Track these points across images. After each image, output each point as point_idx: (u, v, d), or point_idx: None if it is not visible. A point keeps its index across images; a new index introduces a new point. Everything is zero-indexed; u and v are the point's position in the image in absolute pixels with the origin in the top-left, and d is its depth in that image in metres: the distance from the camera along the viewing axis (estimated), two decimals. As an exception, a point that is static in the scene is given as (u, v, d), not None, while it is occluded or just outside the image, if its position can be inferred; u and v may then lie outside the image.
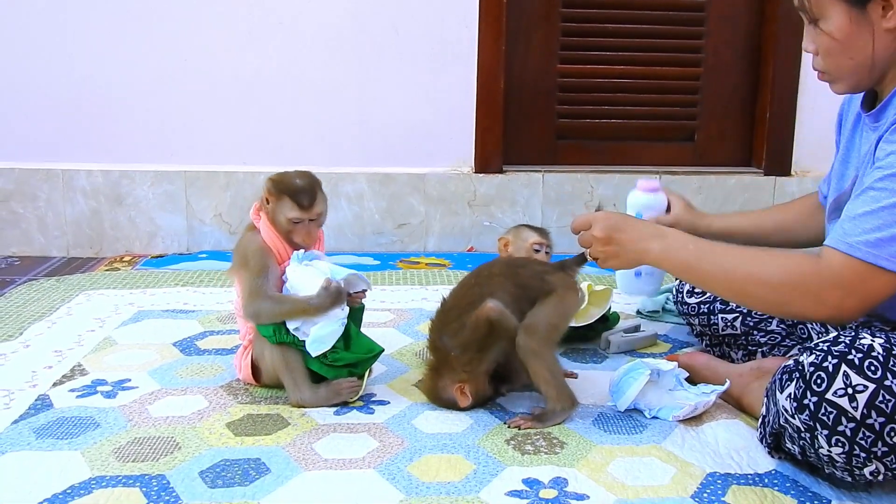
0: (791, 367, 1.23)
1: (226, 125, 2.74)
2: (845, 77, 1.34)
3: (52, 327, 1.97)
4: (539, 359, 1.48)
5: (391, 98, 2.76)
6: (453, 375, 1.52)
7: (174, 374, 1.70)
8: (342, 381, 1.56)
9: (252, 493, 1.25)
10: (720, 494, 1.26)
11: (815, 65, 1.37)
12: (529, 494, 1.26)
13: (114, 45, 2.66)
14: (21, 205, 2.70)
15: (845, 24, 1.28)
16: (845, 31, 1.28)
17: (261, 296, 1.52)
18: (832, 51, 1.31)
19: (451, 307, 1.55)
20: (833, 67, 1.33)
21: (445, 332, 1.52)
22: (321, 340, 1.50)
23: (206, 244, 2.78)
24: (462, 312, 1.51)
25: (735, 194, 2.84)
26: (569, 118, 2.91)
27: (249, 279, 1.53)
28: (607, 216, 1.46)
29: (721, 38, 2.88)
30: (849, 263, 1.23)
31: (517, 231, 1.82)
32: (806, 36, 1.35)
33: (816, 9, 1.29)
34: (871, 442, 1.15)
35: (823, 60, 1.34)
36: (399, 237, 2.81)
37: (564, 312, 1.55)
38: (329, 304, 1.50)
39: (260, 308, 1.52)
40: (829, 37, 1.30)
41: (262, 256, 1.55)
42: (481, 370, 1.52)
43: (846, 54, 1.30)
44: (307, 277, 1.53)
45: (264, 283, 1.53)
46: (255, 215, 1.60)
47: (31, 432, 1.43)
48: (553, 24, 2.83)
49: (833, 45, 1.30)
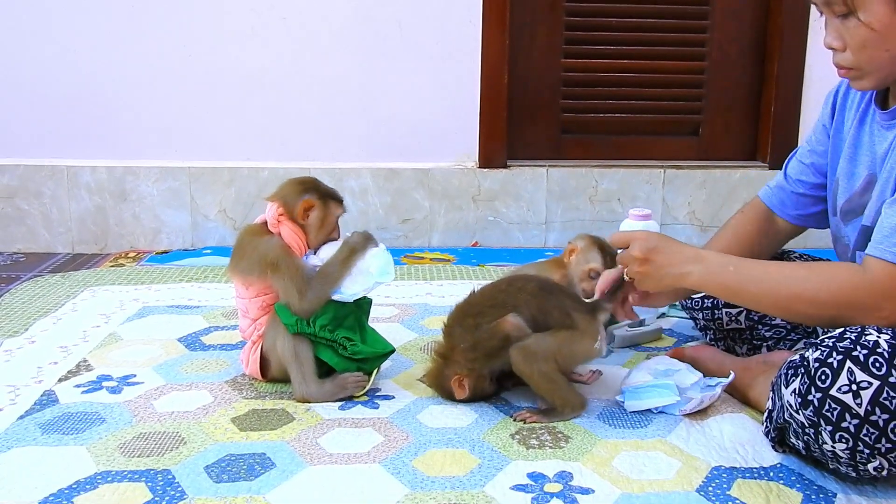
0: (796, 363, 1.23)
1: (230, 121, 2.74)
2: (876, 70, 1.30)
3: (57, 323, 1.98)
4: (534, 377, 1.47)
5: (395, 93, 2.75)
6: (456, 367, 1.52)
7: (179, 370, 1.71)
8: (348, 375, 1.57)
9: (257, 487, 1.25)
10: (725, 488, 1.26)
11: (840, 61, 1.32)
12: (534, 488, 1.26)
13: (118, 42, 2.66)
14: (26, 201, 2.71)
15: (887, 13, 1.24)
16: (886, 21, 1.25)
17: (309, 285, 1.53)
18: (869, 43, 1.27)
19: (475, 302, 1.54)
20: (866, 61, 1.29)
21: (462, 324, 1.52)
22: (384, 270, 1.56)
23: (211, 240, 2.78)
24: (482, 311, 1.51)
25: (740, 188, 2.83)
26: (573, 113, 2.90)
27: (291, 277, 1.53)
28: (647, 236, 1.43)
29: (726, 32, 2.87)
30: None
31: (588, 247, 1.71)
32: (830, 32, 1.31)
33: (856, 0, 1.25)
34: (875, 438, 1.14)
35: (856, 55, 1.29)
36: (403, 232, 2.81)
37: (571, 352, 1.51)
38: (362, 240, 1.58)
39: (313, 298, 1.53)
40: (867, 28, 1.26)
41: (290, 253, 1.56)
42: (484, 370, 1.52)
43: (883, 46, 1.27)
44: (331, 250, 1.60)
45: (304, 273, 1.54)
46: (274, 222, 1.59)
47: (36, 428, 1.44)
48: (557, 18, 2.83)
49: (871, 36, 1.26)
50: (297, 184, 1.62)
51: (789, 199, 1.64)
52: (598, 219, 2.83)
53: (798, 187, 1.63)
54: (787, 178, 1.65)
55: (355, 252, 1.57)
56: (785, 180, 1.65)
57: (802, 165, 1.62)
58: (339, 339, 1.55)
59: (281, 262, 1.54)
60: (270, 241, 1.57)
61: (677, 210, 2.85)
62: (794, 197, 1.64)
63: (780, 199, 1.66)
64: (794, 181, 1.63)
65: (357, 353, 1.56)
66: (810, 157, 1.60)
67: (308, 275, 1.54)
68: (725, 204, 2.83)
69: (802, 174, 1.62)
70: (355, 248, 1.57)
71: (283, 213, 1.59)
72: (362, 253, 1.57)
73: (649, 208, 2.32)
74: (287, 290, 1.54)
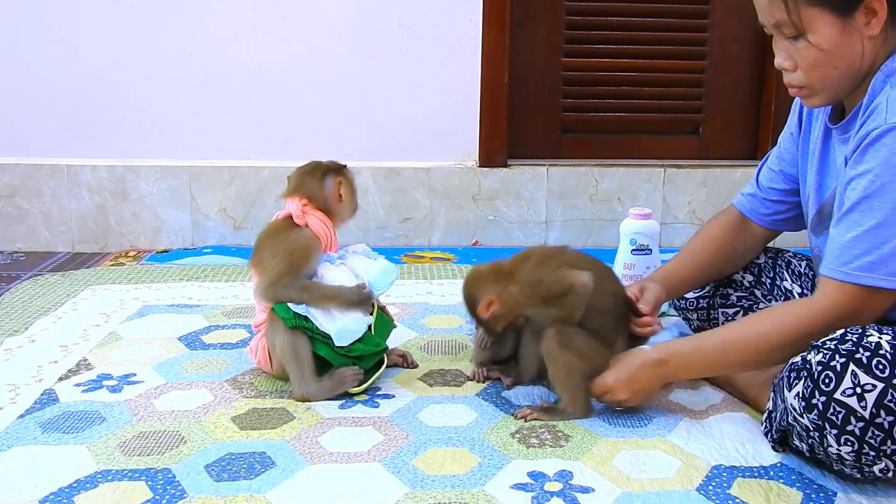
0: (798, 365, 1.23)
1: (230, 120, 2.74)
2: (826, 88, 1.32)
3: (57, 322, 1.98)
4: (559, 363, 1.47)
5: (395, 92, 2.75)
6: (500, 290, 1.49)
7: (179, 369, 1.71)
8: (345, 369, 1.57)
9: (258, 486, 1.25)
10: (725, 487, 1.26)
11: (791, 80, 1.34)
12: (534, 487, 1.26)
13: (118, 41, 2.66)
14: (26, 200, 2.71)
15: (834, 33, 1.26)
16: (834, 41, 1.27)
17: (287, 285, 1.53)
18: (819, 63, 1.29)
19: (569, 257, 1.53)
20: (817, 80, 1.31)
21: (542, 262, 1.50)
22: (347, 332, 1.53)
23: (211, 239, 2.78)
24: (561, 264, 1.49)
25: (740, 187, 2.77)
26: (574, 111, 2.90)
27: (284, 268, 1.53)
28: (616, 377, 1.44)
29: (726, 30, 2.87)
30: (852, 291, 1.26)
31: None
32: (780, 52, 1.33)
33: (805, 22, 1.27)
34: (881, 440, 1.14)
35: (807, 74, 1.31)
36: (404, 231, 2.81)
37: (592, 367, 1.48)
38: (356, 301, 1.53)
39: (282, 293, 1.53)
40: (816, 49, 1.28)
41: (311, 255, 1.56)
42: (517, 309, 1.50)
43: (832, 65, 1.29)
44: (340, 277, 1.56)
45: (297, 277, 1.54)
46: (300, 213, 1.58)
47: (37, 427, 1.44)
48: (557, 16, 2.83)
49: (820, 56, 1.28)
50: (309, 172, 1.62)
51: (763, 206, 1.66)
52: (599, 218, 2.83)
53: (771, 194, 1.64)
54: (759, 185, 1.67)
55: (341, 299, 1.54)
56: (757, 187, 1.67)
57: (772, 173, 1.63)
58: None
59: (299, 252, 1.54)
60: (301, 233, 1.57)
61: (678, 209, 2.85)
62: (767, 203, 1.65)
63: (753, 206, 1.67)
64: (766, 188, 1.65)
65: (352, 352, 1.56)
66: (779, 164, 1.61)
67: (297, 277, 1.54)
68: (726, 203, 2.77)
69: (773, 182, 1.63)
70: (349, 298, 1.54)
71: (308, 202, 1.59)
72: (349, 307, 1.54)
73: (650, 207, 2.32)
74: (269, 269, 1.54)
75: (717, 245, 1.70)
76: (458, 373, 1.70)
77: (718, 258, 1.71)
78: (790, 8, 1.27)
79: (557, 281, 1.47)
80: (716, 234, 1.72)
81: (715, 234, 1.72)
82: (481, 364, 1.67)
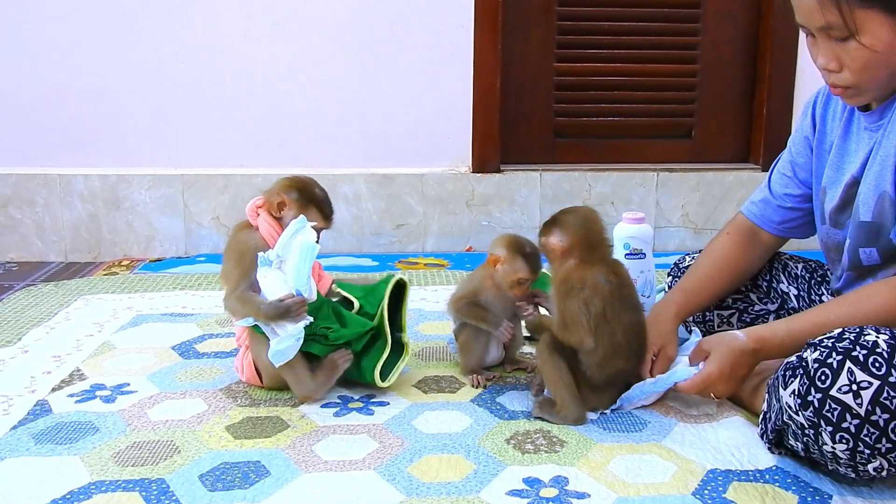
0: (794, 364, 1.23)
1: (223, 128, 2.74)
2: (874, 88, 1.32)
3: (50, 332, 1.97)
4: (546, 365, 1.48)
5: (388, 98, 2.75)
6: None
7: (173, 378, 1.70)
8: (333, 355, 1.58)
9: (252, 495, 1.25)
10: (721, 491, 1.26)
11: (835, 81, 1.33)
12: (530, 493, 1.25)
13: (110, 49, 2.66)
14: (19, 210, 2.70)
15: (886, 34, 1.25)
16: (887, 41, 1.26)
17: (234, 295, 1.56)
18: (870, 64, 1.28)
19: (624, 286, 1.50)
20: (866, 80, 1.30)
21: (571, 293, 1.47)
22: (280, 354, 1.52)
23: (205, 247, 2.77)
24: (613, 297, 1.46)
25: (733, 191, 2.83)
26: (566, 116, 2.91)
27: (236, 277, 1.56)
28: (720, 371, 1.41)
29: (718, 34, 2.88)
30: None
31: (513, 256, 1.64)
32: (824, 54, 1.31)
33: (858, 23, 1.25)
34: (876, 438, 1.14)
35: (856, 75, 1.30)
36: (398, 238, 2.81)
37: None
38: (274, 315, 1.51)
39: (231, 306, 1.58)
40: (869, 50, 1.26)
41: (255, 258, 1.56)
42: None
43: (884, 65, 1.28)
44: (274, 283, 1.54)
45: (245, 284, 1.56)
46: (252, 213, 1.61)
47: (30, 438, 1.43)
48: (550, 21, 2.83)
49: (872, 57, 1.27)
50: (288, 181, 1.63)
51: (776, 213, 1.64)
52: (593, 222, 2.82)
53: (785, 201, 1.62)
54: (771, 192, 1.65)
55: (260, 316, 1.53)
56: (770, 195, 1.65)
57: (786, 178, 1.61)
58: (318, 331, 1.55)
59: (246, 257, 1.56)
60: (249, 235, 1.59)
61: (671, 213, 2.85)
62: (780, 211, 1.63)
63: (765, 213, 1.65)
64: (779, 195, 1.63)
65: (339, 339, 1.57)
66: (793, 169, 1.60)
67: (245, 284, 1.55)
68: (719, 206, 2.83)
69: (787, 187, 1.61)
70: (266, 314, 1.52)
71: (263, 205, 1.61)
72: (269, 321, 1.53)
73: (643, 211, 2.32)
74: (227, 282, 1.58)
75: (734, 267, 1.68)
76: (452, 379, 1.70)
77: (735, 280, 1.69)
78: (843, 10, 1.25)
79: (571, 311, 1.45)
80: (731, 254, 1.68)
81: (730, 254, 1.68)
82: (472, 371, 1.68)
